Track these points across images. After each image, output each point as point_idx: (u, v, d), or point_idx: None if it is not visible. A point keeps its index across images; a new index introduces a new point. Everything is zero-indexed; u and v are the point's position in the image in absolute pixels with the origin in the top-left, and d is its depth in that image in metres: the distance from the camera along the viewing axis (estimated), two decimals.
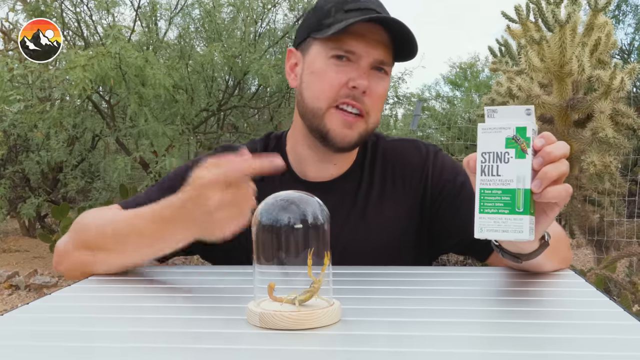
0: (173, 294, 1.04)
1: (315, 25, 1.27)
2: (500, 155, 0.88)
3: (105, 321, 0.86)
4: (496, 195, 0.88)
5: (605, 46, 3.65)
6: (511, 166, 0.87)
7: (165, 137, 4.71)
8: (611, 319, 0.83)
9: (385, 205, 1.34)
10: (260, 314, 0.79)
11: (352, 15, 1.21)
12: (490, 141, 0.88)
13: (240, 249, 1.24)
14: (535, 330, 0.79)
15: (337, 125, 1.24)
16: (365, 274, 1.15)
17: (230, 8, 5.49)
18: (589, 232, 3.83)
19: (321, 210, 0.83)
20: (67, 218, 4.67)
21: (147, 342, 0.76)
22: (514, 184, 0.87)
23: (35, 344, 0.76)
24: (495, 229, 0.88)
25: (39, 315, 0.89)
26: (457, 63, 15.53)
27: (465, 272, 1.22)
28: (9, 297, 4.82)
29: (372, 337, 0.77)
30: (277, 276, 0.83)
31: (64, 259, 1.21)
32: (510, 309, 0.91)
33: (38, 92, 4.99)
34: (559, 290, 1.06)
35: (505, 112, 0.88)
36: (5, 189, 5.40)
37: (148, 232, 1.09)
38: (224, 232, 0.99)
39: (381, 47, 1.23)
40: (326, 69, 1.23)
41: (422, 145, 1.40)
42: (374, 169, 1.37)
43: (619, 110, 3.56)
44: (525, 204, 0.86)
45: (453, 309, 0.90)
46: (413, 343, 0.75)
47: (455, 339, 0.76)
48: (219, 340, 0.77)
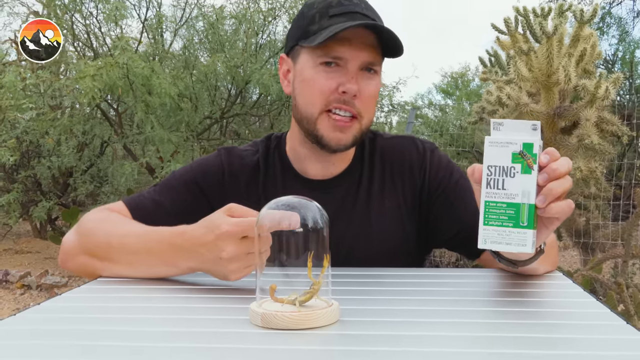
0: (179, 294, 1.03)
1: (301, 32, 1.26)
2: (507, 169, 0.86)
3: (113, 321, 0.87)
4: (501, 208, 0.87)
5: (590, 57, 3.69)
6: (517, 181, 0.86)
7: (171, 143, 4.76)
8: (597, 319, 0.84)
9: (386, 199, 1.35)
10: (262, 314, 0.80)
11: (337, 20, 1.20)
12: (497, 155, 0.87)
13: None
14: (529, 330, 0.79)
15: (329, 129, 1.24)
16: (364, 276, 1.15)
17: (232, 20, 5.56)
18: (576, 235, 3.88)
19: (320, 215, 0.84)
20: (76, 220, 4.71)
21: (153, 342, 0.77)
22: (519, 198, 0.86)
23: (45, 342, 0.77)
24: (499, 242, 0.87)
25: (49, 315, 0.90)
26: (449, 73, 15.57)
27: (459, 274, 1.22)
28: (21, 296, 4.90)
29: (370, 336, 0.77)
30: (279, 278, 0.85)
31: (70, 258, 1.21)
32: (503, 310, 0.91)
33: (49, 100, 5.08)
34: (549, 291, 1.05)
35: (512, 126, 0.87)
36: (18, 193, 5.45)
37: (157, 252, 1.08)
38: (230, 278, 0.99)
39: (368, 49, 1.22)
40: (316, 76, 1.22)
41: (419, 143, 1.40)
42: (373, 164, 1.37)
43: (604, 118, 3.62)
44: (530, 219, 0.85)
45: (448, 310, 0.90)
46: (410, 343, 0.75)
47: (451, 338, 0.76)
48: (222, 340, 0.78)
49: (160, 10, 5.60)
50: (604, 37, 10.95)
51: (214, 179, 1.34)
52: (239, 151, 1.39)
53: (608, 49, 10.89)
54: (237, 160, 1.37)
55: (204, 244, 1.00)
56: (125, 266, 1.12)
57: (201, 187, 1.33)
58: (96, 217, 1.25)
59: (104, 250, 1.15)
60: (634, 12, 11.03)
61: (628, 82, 7.66)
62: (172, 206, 1.31)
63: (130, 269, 1.12)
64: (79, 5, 5.19)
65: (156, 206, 1.31)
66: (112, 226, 1.21)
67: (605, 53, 9.74)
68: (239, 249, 0.96)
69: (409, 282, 1.12)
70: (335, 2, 1.23)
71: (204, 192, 1.33)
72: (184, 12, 5.63)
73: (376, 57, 1.24)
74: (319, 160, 1.33)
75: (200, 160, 1.41)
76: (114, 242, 1.15)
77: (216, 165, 1.36)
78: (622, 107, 5.90)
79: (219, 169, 1.36)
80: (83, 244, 1.19)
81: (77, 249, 1.19)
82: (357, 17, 1.21)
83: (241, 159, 1.37)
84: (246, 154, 1.38)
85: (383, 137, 1.42)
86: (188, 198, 1.32)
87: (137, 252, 1.11)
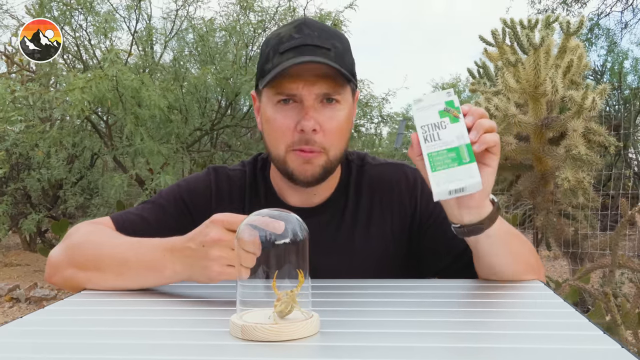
0: (160, 306, 1.03)
1: (259, 71, 1.25)
2: (438, 124, 0.99)
3: (94, 334, 0.87)
4: (442, 155, 0.98)
5: (577, 68, 3.73)
6: (449, 130, 0.98)
7: (161, 155, 4.75)
8: (576, 329, 0.84)
9: (372, 231, 1.32)
10: (242, 326, 0.80)
11: (287, 56, 1.17)
12: (426, 116, 1.00)
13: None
14: (512, 341, 0.80)
15: (297, 164, 1.22)
16: (344, 287, 1.15)
17: (222, 33, 5.59)
18: (565, 245, 3.90)
19: (300, 227, 0.84)
20: (66, 233, 4.72)
21: (133, 354, 0.77)
22: (455, 142, 0.98)
23: (28, 356, 0.77)
24: (450, 180, 0.97)
25: (33, 328, 0.90)
26: (439, 84, 15.59)
27: (440, 285, 1.21)
28: (10, 309, 4.89)
29: (350, 348, 0.78)
30: (259, 290, 0.85)
31: (56, 272, 1.20)
32: (484, 320, 0.93)
33: (39, 112, 5.08)
34: (529, 301, 1.06)
35: (431, 96, 1.01)
36: (7, 206, 5.45)
37: (148, 260, 1.09)
38: (212, 275, 1.00)
39: (322, 80, 1.18)
40: (275, 115, 1.21)
41: (409, 171, 1.37)
42: (360, 194, 1.34)
43: (591, 129, 3.64)
44: (470, 154, 0.97)
45: (428, 320, 0.91)
46: (391, 354, 0.75)
47: (431, 350, 0.77)
48: (202, 352, 0.78)
49: (150, 23, 5.62)
50: (593, 48, 11.07)
51: (201, 198, 1.34)
52: (228, 171, 1.38)
53: (597, 60, 11.01)
54: (225, 180, 1.37)
55: (192, 238, 1.02)
56: (114, 276, 1.12)
57: (187, 205, 1.33)
58: (85, 231, 1.25)
59: (94, 261, 1.14)
60: (622, 23, 11.16)
61: (616, 93, 7.72)
62: (157, 223, 1.30)
63: (119, 279, 1.12)
64: (69, 17, 5.20)
65: (142, 222, 1.30)
66: (102, 238, 1.21)
67: (594, 64, 9.84)
68: (223, 235, 0.98)
69: (391, 292, 1.12)
70: (287, 37, 1.20)
71: (190, 210, 1.33)
72: (174, 25, 5.65)
73: (334, 85, 1.19)
74: (296, 191, 1.32)
75: (189, 178, 1.41)
76: (105, 252, 1.15)
77: (204, 185, 1.36)
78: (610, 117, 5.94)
79: (207, 189, 1.35)
80: (71, 257, 1.18)
81: (64, 262, 1.18)
82: (306, 50, 1.17)
83: (229, 179, 1.37)
84: (234, 175, 1.38)
85: (372, 164, 1.39)
86: (174, 215, 1.32)
87: (128, 261, 1.11)
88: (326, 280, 1.16)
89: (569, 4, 10.84)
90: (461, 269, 1.27)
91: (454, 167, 0.98)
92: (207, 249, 0.99)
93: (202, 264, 1.01)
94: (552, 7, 10.85)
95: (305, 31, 1.20)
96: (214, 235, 0.98)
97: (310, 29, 1.21)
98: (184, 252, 1.04)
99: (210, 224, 1.00)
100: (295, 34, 1.20)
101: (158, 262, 1.08)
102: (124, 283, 1.12)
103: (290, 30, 1.22)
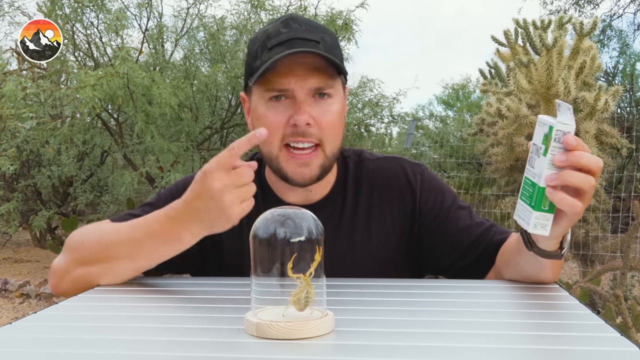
0: (174, 303, 1.04)
1: (248, 70, 1.23)
2: (538, 149, 0.89)
3: (108, 330, 0.87)
4: (527, 184, 0.91)
5: (590, 69, 3.71)
6: (539, 162, 0.89)
7: (171, 153, 4.75)
8: (593, 331, 0.84)
9: (373, 226, 1.30)
10: (257, 324, 0.80)
11: (276, 51, 1.15)
12: (536, 134, 0.90)
13: (232, 268, 1.28)
14: (525, 342, 0.81)
15: (292, 166, 1.20)
16: (359, 286, 1.14)
17: (233, 31, 5.56)
18: (575, 247, 3.89)
19: (315, 225, 0.85)
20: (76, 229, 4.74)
21: (148, 351, 0.77)
22: (536, 179, 0.89)
23: (41, 351, 0.78)
24: (519, 215, 0.93)
25: (46, 323, 0.91)
26: (450, 84, 15.55)
27: (455, 285, 1.20)
28: (20, 305, 4.92)
29: (365, 347, 0.77)
30: (274, 287, 0.84)
31: (62, 278, 1.18)
32: (499, 321, 0.92)
33: (50, 109, 5.09)
34: (546, 302, 1.05)
35: (564, 108, 0.88)
36: (18, 202, 5.46)
37: (158, 232, 1.08)
38: (232, 218, 1.00)
39: (313, 74, 1.16)
40: (266, 113, 1.19)
41: (408, 166, 1.35)
42: (359, 189, 1.33)
43: (603, 130, 3.64)
44: (538, 200, 0.89)
45: (443, 320, 0.90)
46: (406, 353, 0.75)
47: (446, 349, 0.76)
48: (217, 349, 0.78)
49: (161, 21, 5.61)
50: (605, 49, 11.02)
51: None
52: None
53: (609, 61, 10.95)
54: None
55: (197, 194, 1.02)
56: (128, 260, 1.11)
57: None
58: (82, 231, 1.24)
59: (103, 252, 1.13)
60: (635, 25, 11.09)
61: (628, 95, 7.68)
62: None
63: (133, 261, 1.11)
64: (80, 15, 5.21)
65: None
66: (103, 230, 1.20)
67: (606, 65, 9.80)
68: (225, 179, 0.98)
69: (405, 292, 1.11)
70: (274, 32, 1.19)
71: None
72: (184, 23, 5.63)
73: (325, 79, 1.18)
74: (294, 190, 1.29)
75: (186, 177, 1.40)
76: (112, 240, 1.14)
77: None
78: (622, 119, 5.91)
79: None
80: (77, 256, 1.16)
81: (71, 263, 1.17)
82: (296, 43, 1.15)
83: None
84: None
85: (369, 159, 1.37)
86: None
87: (138, 240, 1.10)
88: (341, 279, 1.15)
89: (581, 5, 10.78)
90: (463, 268, 1.27)
91: (525, 204, 0.92)
92: (219, 199, 0.99)
93: (220, 215, 1.01)
94: (565, 8, 10.80)
95: (293, 25, 1.19)
96: (218, 184, 0.99)
97: (297, 24, 1.20)
98: (196, 213, 1.03)
99: (205, 176, 1.00)
100: (283, 29, 1.19)
101: (171, 232, 1.07)
102: (141, 263, 1.12)
103: (278, 26, 1.20)
